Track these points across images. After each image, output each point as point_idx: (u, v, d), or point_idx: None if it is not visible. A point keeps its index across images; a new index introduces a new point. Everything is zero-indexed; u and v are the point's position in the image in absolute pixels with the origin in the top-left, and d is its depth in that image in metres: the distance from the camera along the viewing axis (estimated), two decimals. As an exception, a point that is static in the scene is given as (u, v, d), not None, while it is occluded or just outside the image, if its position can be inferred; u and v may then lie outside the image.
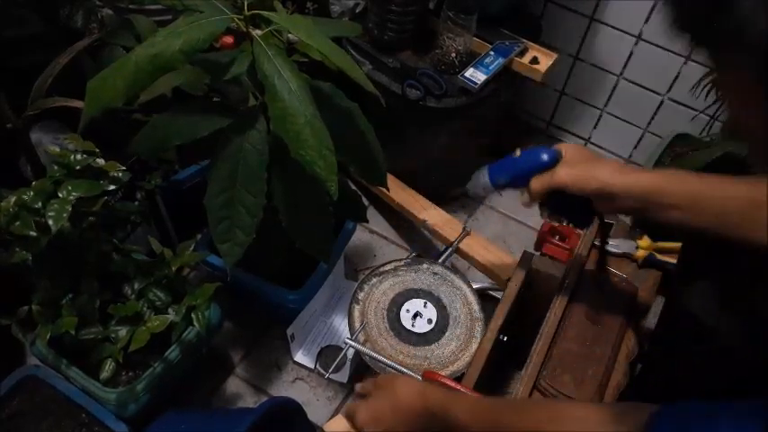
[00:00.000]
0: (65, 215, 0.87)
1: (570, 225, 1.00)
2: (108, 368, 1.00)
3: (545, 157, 0.82)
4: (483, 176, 0.88)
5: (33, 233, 0.88)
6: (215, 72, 0.84)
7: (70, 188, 0.90)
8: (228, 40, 1.04)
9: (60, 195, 0.90)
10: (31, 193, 0.89)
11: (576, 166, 0.80)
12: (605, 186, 0.77)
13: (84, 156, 0.93)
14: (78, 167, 0.92)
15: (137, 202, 1.17)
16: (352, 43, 1.39)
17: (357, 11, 1.44)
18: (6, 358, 1.16)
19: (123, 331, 1.01)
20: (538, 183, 0.82)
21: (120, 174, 0.95)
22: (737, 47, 0.42)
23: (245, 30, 0.81)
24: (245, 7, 0.79)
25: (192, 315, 1.02)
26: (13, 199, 0.88)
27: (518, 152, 0.86)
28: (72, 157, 0.93)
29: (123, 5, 1.19)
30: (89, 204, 0.93)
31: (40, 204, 0.89)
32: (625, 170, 0.78)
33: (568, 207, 0.85)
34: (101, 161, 0.95)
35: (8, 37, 1.14)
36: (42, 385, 1.06)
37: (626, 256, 1.03)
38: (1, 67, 1.14)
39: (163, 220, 1.28)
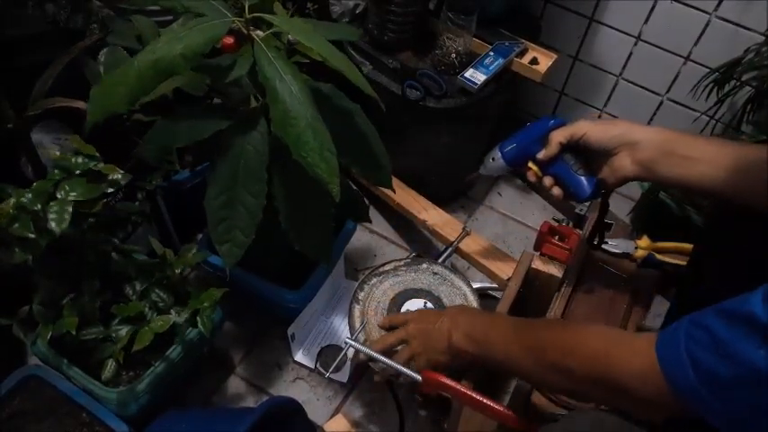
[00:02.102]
0: (66, 217, 0.87)
1: (571, 196, 0.95)
2: (109, 368, 1.00)
3: (551, 120, 0.87)
4: (494, 152, 0.93)
5: (32, 235, 0.88)
6: (216, 74, 0.85)
7: (68, 188, 0.90)
8: (229, 40, 1.04)
9: (59, 196, 0.90)
10: (30, 195, 0.89)
11: (594, 124, 0.83)
12: (628, 131, 0.80)
13: (86, 160, 0.93)
14: (78, 171, 0.93)
15: (137, 203, 1.17)
16: (351, 44, 1.39)
17: (357, 11, 1.44)
18: (7, 358, 1.16)
19: (124, 331, 1.01)
20: (559, 133, 0.85)
21: (119, 176, 0.95)
22: None
23: (245, 32, 0.81)
24: (246, 9, 0.79)
25: (198, 318, 1.02)
26: (12, 201, 0.88)
27: (526, 125, 0.90)
28: (73, 160, 0.93)
29: (124, 6, 1.19)
30: (89, 206, 0.93)
31: (39, 206, 0.89)
32: (644, 126, 0.81)
33: (574, 169, 0.86)
34: (100, 164, 0.95)
35: (9, 37, 1.14)
36: (43, 385, 1.06)
37: (626, 256, 1.03)
38: (1, 67, 1.14)
39: (163, 220, 1.28)
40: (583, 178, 0.87)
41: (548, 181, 0.90)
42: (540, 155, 0.88)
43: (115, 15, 1.18)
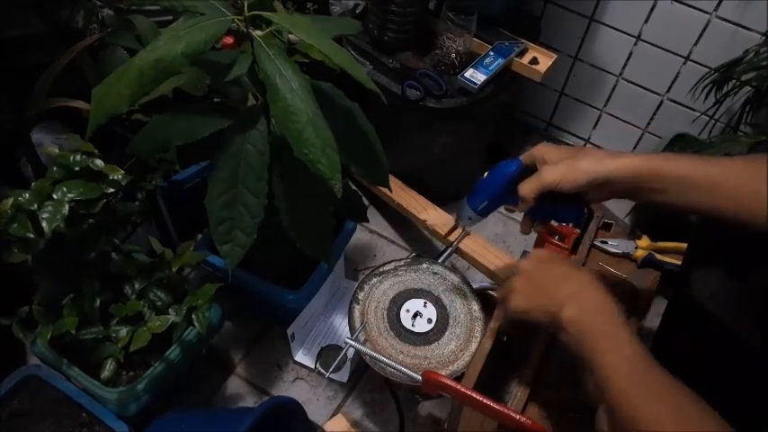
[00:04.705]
0: (59, 216, 0.87)
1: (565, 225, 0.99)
2: (108, 368, 1.00)
3: (511, 166, 0.84)
4: (464, 207, 0.90)
5: (31, 235, 0.88)
6: (216, 73, 0.85)
7: (65, 189, 0.90)
8: (229, 40, 1.04)
9: (55, 197, 0.90)
10: (27, 195, 0.89)
11: (561, 164, 0.79)
12: (598, 174, 0.76)
13: (84, 156, 0.93)
14: (77, 168, 0.92)
15: (137, 202, 1.17)
16: (351, 44, 1.40)
17: (357, 11, 1.44)
18: (7, 358, 1.16)
19: (124, 331, 1.01)
20: (527, 187, 0.81)
21: (120, 177, 0.95)
22: None
23: (245, 30, 0.81)
24: (246, 8, 0.79)
25: (193, 316, 1.03)
26: (10, 201, 0.88)
27: (485, 174, 0.87)
28: (71, 157, 0.93)
29: (124, 6, 1.19)
30: (89, 206, 0.93)
31: (36, 206, 0.89)
32: (611, 155, 0.77)
33: (559, 206, 0.85)
34: (100, 163, 0.95)
35: (9, 37, 1.14)
36: (43, 385, 1.06)
37: (625, 256, 1.03)
38: (1, 68, 1.14)
39: (163, 220, 1.28)
40: (570, 209, 0.86)
41: (535, 225, 0.90)
42: (518, 209, 0.87)
43: (115, 15, 1.18)
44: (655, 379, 0.65)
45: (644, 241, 1.03)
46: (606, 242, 1.03)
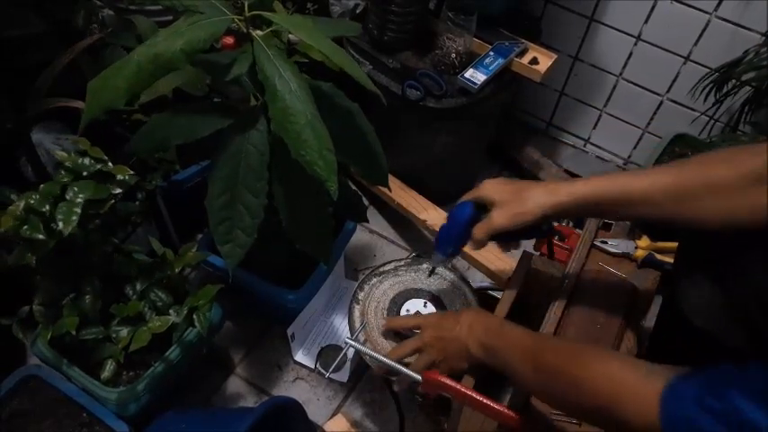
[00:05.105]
0: (74, 218, 0.87)
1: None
2: (109, 368, 1.00)
3: (463, 213, 0.88)
4: (435, 255, 0.96)
5: (42, 236, 0.88)
6: (216, 73, 0.85)
7: (77, 189, 0.90)
8: (229, 40, 1.04)
9: (67, 197, 0.90)
10: (38, 197, 0.89)
11: (508, 206, 0.83)
12: (543, 215, 0.81)
13: (93, 161, 0.93)
14: (85, 173, 0.92)
15: (137, 203, 1.17)
16: (352, 44, 1.40)
17: (357, 11, 1.44)
18: (7, 358, 1.16)
19: (124, 331, 1.01)
20: (480, 232, 0.86)
21: (128, 177, 0.95)
22: None
23: (245, 30, 0.81)
24: (246, 8, 0.79)
25: (194, 316, 1.02)
26: (22, 203, 0.88)
27: (445, 219, 0.92)
28: (80, 161, 0.93)
29: (124, 6, 1.19)
30: (97, 207, 0.93)
31: (47, 207, 0.89)
32: (554, 189, 0.81)
33: (519, 232, 0.88)
34: (110, 164, 0.96)
35: (9, 37, 1.14)
36: (43, 385, 1.06)
37: (625, 256, 1.03)
38: (1, 68, 1.14)
39: (163, 220, 1.28)
40: (531, 231, 0.88)
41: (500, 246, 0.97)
42: (476, 249, 0.91)
43: (115, 15, 1.18)
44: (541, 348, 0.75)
45: (644, 241, 1.03)
46: (606, 242, 1.03)
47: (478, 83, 1.28)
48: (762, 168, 0.50)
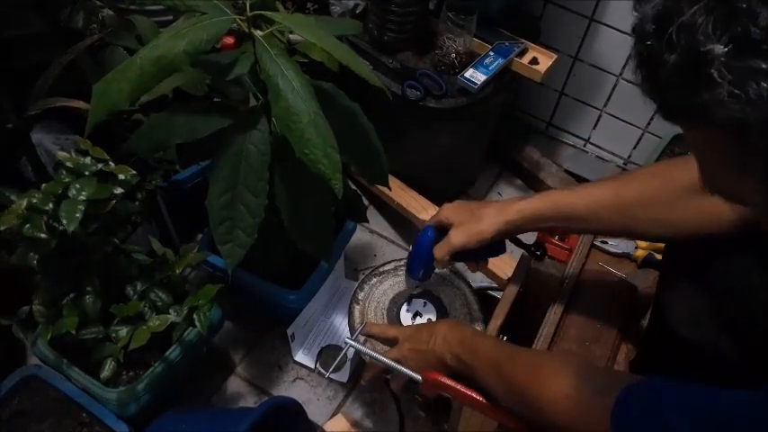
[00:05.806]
0: (77, 215, 0.87)
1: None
2: (108, 368, 1.00)
3: (426, 237, 0.92)
4: (408, 280, 1.01)
5: (44, 235, 0.88)
6: (217, 73, 0.85)
7: (79, 187, 0.90)
8: (229, 40, 1.04)
9: (70, 195, 0.90)
10: (40, 195, 0.89)
11: (463, 227, 0.88)
12: (496, 234, 0.86)
13: (94, 161, 0.93)
14: (87, 173, 0.92)
15: (137, 203, 1.17)
16: (351, 44, 1.39)
17: (357, 11, 1.44)
18: (7, 358, 1.16)
19: (124, 331, 1.01)
20: (440, 252, 0.90)
21: (130, 177, 0.95)
22: (709, 123, 0.42)
23: (246, 30, 0.81)
24: (248, 8, 0.80)
25: (195, 316, 1.02)
26: (24, 202, 0.88)
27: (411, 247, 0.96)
28: (81, 161, 0.93)
29: (124, 6, 1.19)
30: (99, 207, 0.93)
31: (50, 206, 0.89)
32: (504, 207, 0.86)
33: (482, 250, 0.91)
34: (112, 164, 0.95)
35: (9, 37, 1.14)
36: (43, 385, 1.06)
37: (625, 256, 1.03)
38: (2, 67, 1.14)
39: (163, 220, 1.28)
40: (492, 248, 0.91)
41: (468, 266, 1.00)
42: (440, 269, 0.95)
43: (115, 15, 1.18)
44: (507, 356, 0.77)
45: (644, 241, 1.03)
46: (606, 242, 1.03)
47: (478, 83, 1.28)
48: (695, 182, 0.52)
